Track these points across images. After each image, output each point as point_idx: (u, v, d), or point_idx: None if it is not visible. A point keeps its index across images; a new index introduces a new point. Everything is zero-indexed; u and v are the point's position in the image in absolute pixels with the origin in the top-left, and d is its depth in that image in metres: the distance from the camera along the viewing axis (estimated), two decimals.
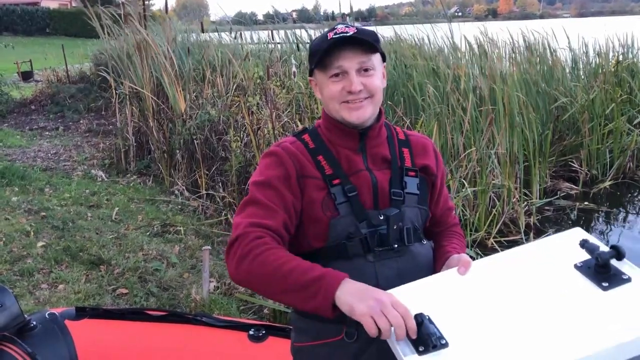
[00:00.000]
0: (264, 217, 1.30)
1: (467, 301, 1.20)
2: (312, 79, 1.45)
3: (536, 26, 7.93)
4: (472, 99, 5.32)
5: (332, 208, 1.33)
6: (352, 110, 1.36)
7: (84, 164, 6.81)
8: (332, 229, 1.32)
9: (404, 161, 1.43)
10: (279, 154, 1.38)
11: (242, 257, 1.23)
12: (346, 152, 1.40)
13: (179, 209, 5.28)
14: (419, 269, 1.37)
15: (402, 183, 1.40)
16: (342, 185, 1.35)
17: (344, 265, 1.30)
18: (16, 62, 14.29)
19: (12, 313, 1.89)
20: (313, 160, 1.38)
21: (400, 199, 1.38)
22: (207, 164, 5.68)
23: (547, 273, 1.23)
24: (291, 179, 1.34)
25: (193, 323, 2.14)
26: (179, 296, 3.55)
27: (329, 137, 1.42)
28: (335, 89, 1.35)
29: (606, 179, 6.31)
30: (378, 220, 1.34)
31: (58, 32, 29.37)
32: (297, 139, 1.44)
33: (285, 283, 1.19)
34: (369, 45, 1.34)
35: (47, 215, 4.76)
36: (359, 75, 1.34)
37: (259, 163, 1.42)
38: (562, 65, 7.33)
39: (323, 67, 1.36)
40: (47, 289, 3.51)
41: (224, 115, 5.75)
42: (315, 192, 1.34)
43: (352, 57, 1.33)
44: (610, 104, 6.74)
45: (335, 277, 1.17)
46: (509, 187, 5.08)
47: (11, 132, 8.72)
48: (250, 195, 1.35)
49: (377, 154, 1.41)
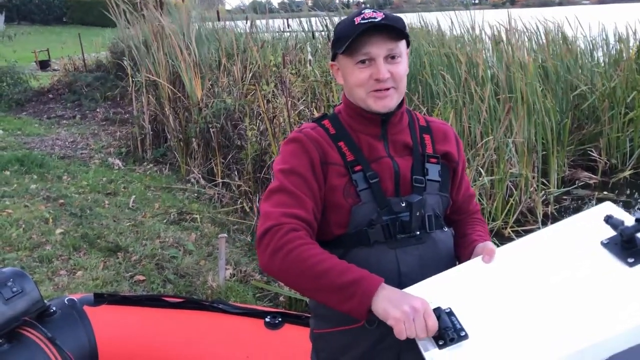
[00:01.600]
0: (295, 206, 1.28)
1: (491, 290, 1.19)
2: (335, 63, 1.41)
3: (555, 13, 7.81)
4: (490, 87, 5.26)
5: (353, 195, 1.32)
6: (378, 99, 1.33)
7: (101, 152, 6.86)
8: (354, 216, 1.31)
9: (425, 148, 1.41)
10: (302, 140, 1.36)
11: (276, 250, 1.22)
12: (367, 138, 1.37)
13: (195, 197, 5.31)
14: (440, 256, 1.36)
15: (424, 170, 1.38)
16: (363, 171, 1.33)
17: (365, 252, 1.30)
18: (34, 51, 14.40)
19: (33, 298, 1.91)
20: (334, 145, 1.36)
21: (422, 185, 1.36)
22: (222, 152, 5.69)
23: (573, 253, 1.19)
24: (315, 165, 1.33)
25: (210, 310, 2.14)
26: (195, 283, 3.58)
27: (349, 123, 1.40)
28: (363, 76, 1.32)
29: (626, 169, 6.22)
30: (399, 207, 1.32)
31: (75, 21, 29.50)
32: (317, 124, 1.42)
33: (319, 282, 1.19)
34: (398, 32, 1.31)
35: (65, 202, 4.81)
36: (386, 63, 1.31)
37: (282, 150, 1.40)
38: (582, 53, 7.22)
39: (349, 52, 1.31)
40: (66, 276, 3.55)
41: (240, 103, 5.75)
42: (337, 178, 1.33)
43: (380, 43, 1.30)
44: (631, 92, 6.62)
45: (373, 281, 1.16)
46: (527, 176, 5.03)
47: (30, 120, 8.81)
48: (277, 183, 1.33)
49: (399, 140, 1.39)
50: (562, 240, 1.23)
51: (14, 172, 5.65)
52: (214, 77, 6.45)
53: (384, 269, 1.28)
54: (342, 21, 1.38)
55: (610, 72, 6.88)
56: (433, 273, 1.31)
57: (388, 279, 1.24)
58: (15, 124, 8.40)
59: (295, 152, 1.35)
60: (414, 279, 1.28)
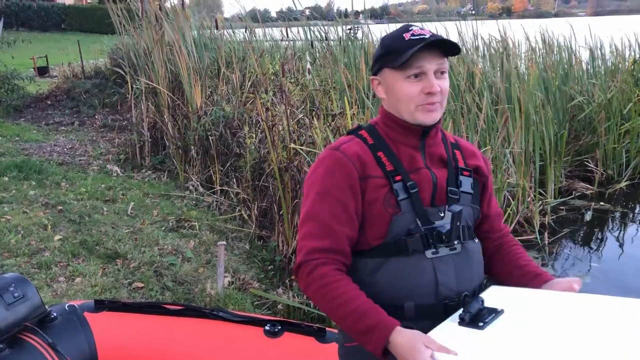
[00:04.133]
0: (324, 237, 1.34)
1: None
2: (377, 77, 1.44)
3: (551, 25, 7.88)
4: (488, 97, 5.29)
5: (394, 205, 1.35)
6: (428, 112, 1.36)
7: (100, 159, 6.86)
8: (394, 226, 1.34)
9: (458, 161, 1.47)
10: (339, 158, 1.38)
11: (305, 287, 1.35)
12: (407, 149, 1.41)
13: (193, 205, 5.32)
14: (472, 266, 1.41)
15: (458, 182, 1.43)
16: (403, 181, 1.36)
17: (404, 262, 1.33)
18: (32, 58, 14.41)
19: (34, 304, 1.92)
20: (373, 155, 1.39)
21: (457, 197, 1.41)
22: (221, 160, 5.70)
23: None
24: (354, 183, 1.36)
25: (210, 317, 2.15)
26: (194, 291, 3.58)
27: (388, 134, 1.43)
28: (414, 90, 1.35)
29: (622, 179, 6.26)
30: (437, 217, 1.37)
31: (73, 28, 29.55)
32: (354, 135, 1.45)
33: (342, 324, 1.32)
34: (450, 48, 1.36)
35: (63, 209, 4.81)
36: (435, 78, 1.35)
37: (316, 168, 1.42)
38: (579, 64, 7.28)
39: (403, 67, 1.34)
40: (65, 282, 3.54)
41: (239, 111, 5.77)
42: (377, 189, 1.36)
43: (431, 58, 1.34)
44: (627, 104, 6.68)
45: (387, 327, 1.23)
46: (524, 186, 5.06)
47: (28, 126, 8.80)
48: (310, 208, 1.37)
49: (435, 152, 1.44)
50: None
51: (12, 178, 5.65)
52: (213, 84, 6.48)
53: (422, 278, 1.33)
54: (389, 37, 1.42)
55: (607, 84, 6.93)
56: (467, 282, 1.38)
57: (426, 287, 1.33)
58: (13, 130, 8.39)
59: (330, 171, 1.38)
60: (451, 287, 1.34)
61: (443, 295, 1.34)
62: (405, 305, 1.33)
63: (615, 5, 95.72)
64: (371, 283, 1.34)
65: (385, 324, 1.24)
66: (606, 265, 4.57)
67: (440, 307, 1.34)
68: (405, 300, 1.33)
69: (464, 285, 1.37)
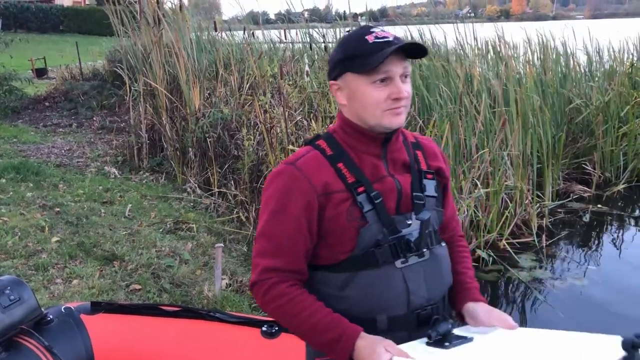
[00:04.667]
0: (275, 255, 1.31)
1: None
2: (336, 82, 1.36)
3: (549, 27, 7.89)
4: (486, 100, 5.30)
5: (358, 217, 1.30)
6: (395, 116, 1.31)
7: (97, 161, 6.86)
8: (362, 238, 1.30)
9: (420, 164, 1.43)
10: (294, 175, 1.32)
11: (263, 305, 1.34)
12: (369, 158, 1.36)
13: (191, 207, 5.31)
14: (441, 271, 1.39)
15: (422, 186, 1.39)
16: (367, 192, 1.31)
17: (373, 274, 1.30)
18: (30, 59, 14.40)
19: (30, 306, 1.91)
20: (333, 167, 1.33)
21: (422, 202, 1.37)
22: (219, 162, 5.70)
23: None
24: (309, 201, 1.30)
25: (206, 319, 2.15)
26: (191, 293, 3.58)
27: (349, 143, 1.37)
28: (380, 96, 1.29)
29: (620, 182, 6.27)
30: (404, 225, 1.33)
31: (72, 30, 29.55)
32: (312, 146, 1.38)
33: (306, 338, 1.33)
34: (418, 51, 1.32)
35: (61, 210, 4.80)
36: (401, 82, 1.30)
37: (270, 184, 1.36)
38: (577, 67, 7.29)
39: (368, 71, 1.28)
40: (62, 284, 3.54)
41: (237, 113, 5.77)
42: (339, 204, 1.30)
43: (398, 62, 1.29)
44: (624, 107, 6.69)
45: (352, 335, 1.24)
46: (522, 188, 5.06)
47: (26, 128, 8.80)
48: (264, 226, 1.34)
49: (398, 158, 1.39)
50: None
51: (9, 180, 5.64)
52: (212, 86, 6.48)
53: (393, 289, 1.31)
54: (350, 40, 1.35)
55: (604, 86, 6.95)
56: (437, 288, 1.36)
57: (398, 298, 1.30)
58: (11, 131, 8.38)
59: (286, 188, 1.32)
60: (422, 295, 1.33)
61: (415, 304, 1.32)
62: (378, 318, 1.30)
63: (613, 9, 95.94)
64: (341, 298, 1.31)
65: (350, 332, 1.24)
66: (603, 267, 4.58)
67: (413, 316, 1.32)
68: (377, 313, 1.30)
69: (434, 291, 1.35)
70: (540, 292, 4.11)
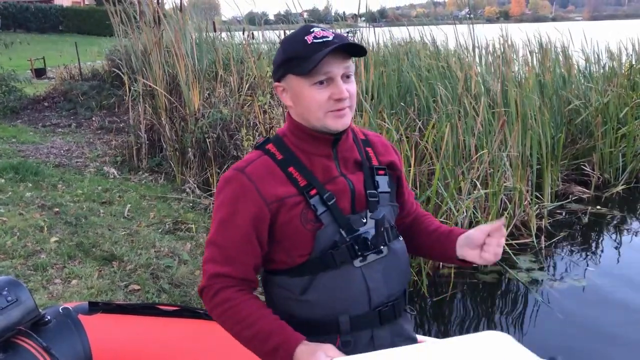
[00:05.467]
0: (224, 262, 1.31)
1: None
2: (280, 84, 1.35)
3: (548, 29, 7.90)
4: (485, 100, 5.30)
5: (312, 220, 1.30)
6: (337, 118, 1.30)
7: (96, 161, 6.86)
8: (318, 241, 1.30)
9: (371, 160, 1.43)
10: (243, 184, 1.31)
11: (210, 310, 1.34)
12: (320, 159, 1.35)
13: (190, 207, 5.31)
14: (400, 265, 1.40)
15: (375, 183, 1.39)
16: (319, 194, 1.31)
17: (332, 275, 1.30)
18: (29, 59, 14.40)
19: (27, 307, 1.90)
20: (283, 172, 1.33)
21: (376, 199, 1.38)
22: (218, 162, 5.70)
23: None
24: (259, 209, 1.29)
25: (205, 318, 2.14)
26: (190, 293, 3.58)
27: (299, 146, 1.36)
28: (322, 97, 1.28)
29: (618, 183, 6.27)
30: (360, 224, 1.33)
31: (71, 30, 29.60)
32: (262, 152, 1.38)
33: (248, 346, 1.31)
34: (358, 52, 1.29)
35: (60, 211, 4.80)
36: (342, 81, 1.29)
37: (220, 190, 1.35)
38: (576, 68, 7.30)
39: (306, 73, 1.26)
40: (61, 284, 3.53)
41: (236, 114, 5.77)
42: (292, 208, 1.30)
43: (338, 62, 1.27)
44: (623, 108, 6.69)
45: (291, 344, 1.24)
46: (521, 189, 5.06)
47: (25, 128, 8.79)
48: (213, 234, 1.33)
49: (349, 157, 1.39)
50: None
51: (8, 180, 5.63)
52: (211, 87, 6.48)
53: (353, 289, 1.31)
54: (290, 40, 1.33)
55: (604, 88, 6.95)
56: (396, 283, 1.38)
57: (359, 297, 1.31)
58: (10, 131, 8.38)
59: (235, 197, 1.31)
60: (382, 292, 1.34)
61: (376, 302, 1.33)
62: (340, 319, 1.31)
63: (612, 10, 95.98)
64: (303, 302, 1.31)
65: (291, 340, 1.24)
66: (602, 268, 4.58)
67: (374, 314, 1.33)
68: (339, 314, 1.31)
69: (394, 286, 1.37)
70: (539, 293, 4.10)
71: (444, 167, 4.68)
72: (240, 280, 1.32)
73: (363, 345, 1.33)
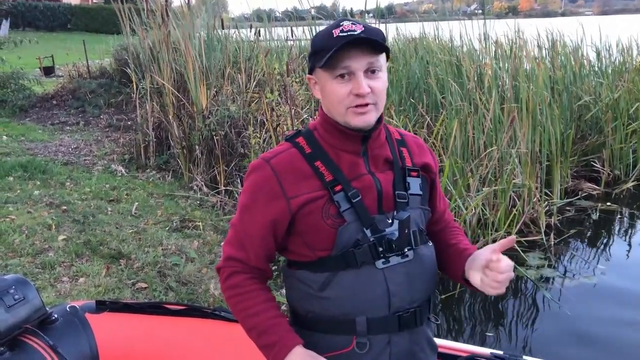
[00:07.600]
0: (240, 248, 1.34)
1: None
2: (312, 77, 1.35)
3: (558, 24, 7.83)
4: (495, 96, 5.26)
5: (334, 215, 1.28)
6: (358, 115, 1.27)
7: (104, 159, 6.87)
8: (340, 237, 1.27)
9: (405, 161, 1.39)
10: (267, 175, 1.31)
11: (223, 291, 1.38)
12: (348, 156, 1.32)
13: (197, 205, 5.31)
14: (426, 272, 1.35)
15: (405, 184, 1.35)
16: (344, 191, 1.28)
17: (353, 275, 1.28)
18: (38, 58, 14.45)
19: (34, 306, 1.90)
20: (310, 166, 1.31)
21: (405, 201, 1.33)
22: (226, 160, 5.70)
23: None
24: (278, 203, 1.29)
25: (212, 317, 2.14)
26: (197, 291, 3.57)
27: (328, 140, 1.34)
28: (342, 92, 1.26)
29: (629, 180, 6.21)
30: (385, 225, 1.30)
31: (79, 28, 29.68)
32: (291, 144, 1.36)
33: (248, 334, 1.33)
34: (378, 45, 1.26)
35: (68, 209, 4.81)
36: (366, 77, 1.25)
37: (247, 176, 1.36)
38: (587, 64, 7.23)
39: (328, 66, 1.25)
40: (68, 282, 3.54)
41: (244, 111, 5.76)
42: (314, 202, 1.28)
43: (360, 57, 1.24)
44: (634, 104, 6.63)
45: (285, 346, 1.25)
46: (530, 186, 5.02)
47: (33, 126, 8.83)
48: (236, 217, 1.36)
49: (379, 155, 1.35)
50: None
51: (17, 178, 5.66)
52: (219, 84, 6.47)
53: (373, 291, 1.28)
54: (318, 33, 1.32)
55: (614, 83, 6.88)
56: (421, 289, 1.32)
57: (378, 300, 1.27)
58: (19, 129, 8.42)
59: (258, 186, 1.32)
60: (404, 297, 1.29)
61: (396, 306, 1.28)
62: (357, 320, 1.28)
63: (623, 4, 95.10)
64: (321, 298, 1.29)
65: (286, 342, 1.25)
66: (613, 266, 4.53)
67: (394, 318, 1.29)
68: (357, 314, 1.27)
69: (417, 293, 1.32)
70: (548, 291, 4.07)
71: (452, 164, 4.64)
72: (253, 268, 1.34)
73: (379, 349, 1.29)
